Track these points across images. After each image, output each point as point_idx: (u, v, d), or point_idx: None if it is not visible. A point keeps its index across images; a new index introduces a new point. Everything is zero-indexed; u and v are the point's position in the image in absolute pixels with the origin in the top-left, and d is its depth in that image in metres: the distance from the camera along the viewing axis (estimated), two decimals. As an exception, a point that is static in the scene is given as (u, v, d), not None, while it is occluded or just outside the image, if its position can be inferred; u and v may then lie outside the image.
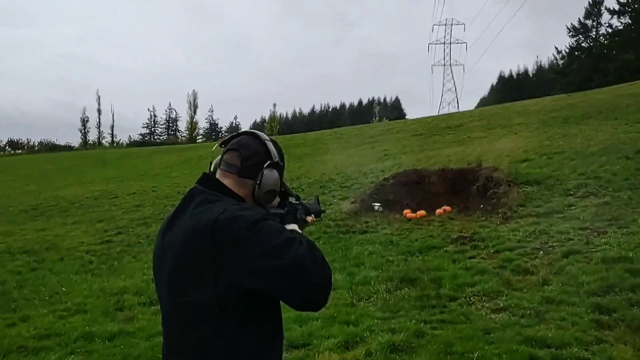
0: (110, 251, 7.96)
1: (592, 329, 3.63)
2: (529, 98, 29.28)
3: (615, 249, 5.12)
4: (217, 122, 76.03)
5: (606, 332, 3.57)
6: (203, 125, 67.57)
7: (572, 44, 44.08)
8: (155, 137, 67.57)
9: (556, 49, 46.38)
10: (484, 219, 7.47)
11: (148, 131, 70.59)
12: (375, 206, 9.20)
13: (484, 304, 4.48)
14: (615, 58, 36.86)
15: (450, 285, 4.97)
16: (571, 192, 7.65)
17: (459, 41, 69.94)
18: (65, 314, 5.24)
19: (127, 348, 3.99)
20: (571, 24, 44.13)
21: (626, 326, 3.59)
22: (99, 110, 60.58)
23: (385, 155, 14.25)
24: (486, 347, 3.44)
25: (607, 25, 40.03)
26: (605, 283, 4.37)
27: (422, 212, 8.50)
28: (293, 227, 1.45)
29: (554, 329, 3.68)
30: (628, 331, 3.52)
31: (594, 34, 43.02)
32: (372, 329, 4.01)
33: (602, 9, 41.91)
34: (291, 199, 1.60)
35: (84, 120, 60.29)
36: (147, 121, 71.73)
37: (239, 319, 1.26)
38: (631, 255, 4.84)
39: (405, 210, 8.71)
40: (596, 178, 7.97)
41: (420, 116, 32.22)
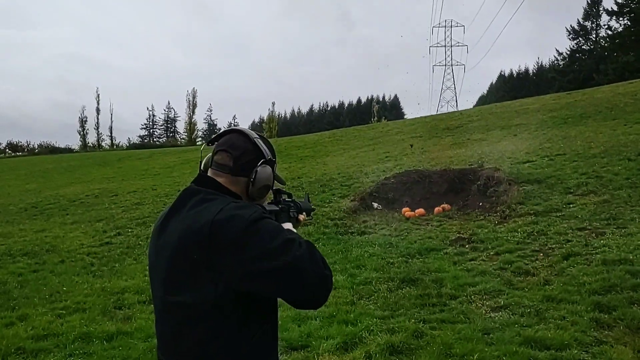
0: (111, 253, 7.95)
1: (592, 329, 3.63)
2: (528, 96, 29.27)
3: (614, 251, 5.12)
4: (216, 123, 75.94)
5: (606, 333, 3.57)
6: (202, 126, 67.38)
7: (573, 46, 44.21)
8: (154, 139, 67.43)
9: (557, 50, 46.57)
10: (482, 217, 7.46)
11: (147, 133, 70.48)
12: (375, 205, 9.21)
13: (485, 302, 4.48)
14: (616, 60, 36.89)
15: (452, 285, 4.97)
16: (571, 190, 7.66)
17: (460, 44, 69.95)
18: (63, 312, 5.24)
19: (125, 350, 3.99)
20: (570, 26, 44.33)
21: (626, 326, 3.60)
22: (98, 109, 59.99)
23: (387, 157, 14.25)
24: (486, 349, 3.44)
25: (607, 27, 40.12)
26: (606, 283, 4.37)
27: (421, 211, 8.51)
28: (288, 226, 1.44)
29: (554, 329, 3.68)
30: (628, 332, 3.52)
31: (594, 36, 43.11)
32: (371, 328, 4.01)
33: (600, 9, 42.03)
34: (284, 196, 1.61)
35: (83, 121, 59.69)
36: (146, 122, 71.61)
37: (239, 319, 1.25)
38: (631, 257, 4.84)
39: (404, 209, 8.72)
40: (597, 177, 7.98)
41: (419, 115, 32.20)
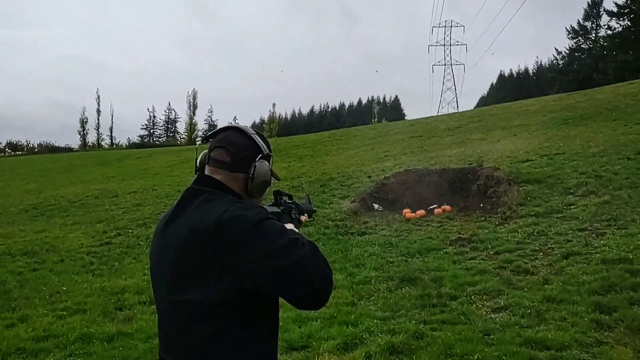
0: (111, 252, 7.95)
1: (592, 330, 3.63)
2: (529, 97, 29.28)
3: (614, 250, 5.12)
4: (217, 124, 75.94)
5: (606, 334, 3.57)
6: (202, 126, 67.29)
7: (572, 45, 44.24)
8: (154, 139, 67.34)
9: (556, 50, 46.55)
10: (482, 219, 7.46)
11: (147, 133, 70.42)
12: (375, 206, 9.20)
13: (485, 302, 4.48)
14: (615, 59, 36.92)
15: (451, 284, 4.97)
16: (571, 191, 7.65)
17: (459, 42, 69.92)
18: (64, 313, 5.24)
19: (126, 350, 3.98)
20: (570, 26, 44.44)
21: (626, 327, 3.59)
22: (99, 110, 59.78)
23: (386, 156, 14.25)
24: (486, 350, 3.43)
25: (607, 27, 40.14)
26: (606, 282, 4.38)
27: (422, 212, 8.50)
28: (290, 227, 1.45)
29: (554, 329, 3.68)
30: (628, 332, 3.52)
31: (594, 36, 43.13)
32: (372, 329, 4.00)
33: (601, 10, 42.06)
34: (284, 198, 1.61)
35: (83, 121, 59.59)
36: (146, 122, 71.50)
37: (242, 317, 1.26)
38: (631, 256, 4.84)
39: (404, 210, 8.71)
40: (597, 177, 7.97)
41: (419, 116, 32.19)
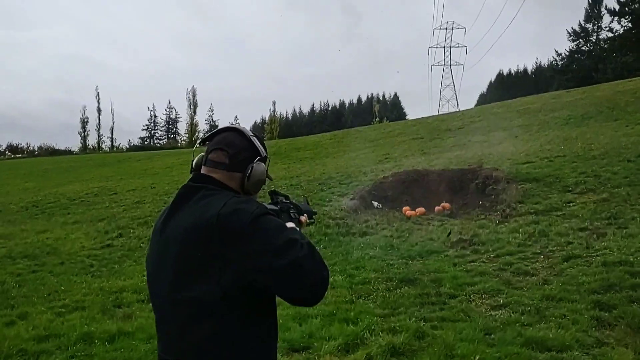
0: (112, 255, 7.96)
1: (593, 328, 3.64)
2: (528, 95, 29.25)
3: (615, 253, 5.12)
4: (217, 124, 75.89)
5: (607, 333, 3.58)
6: (203, 127, 67.16)
7: (572, 47, 44.10)
8: (155, 141, 67.21)
9: (556, 51, 46.29)
10: (483, 217, 7.46)
11: (148, 134, 70.21)
12: (375, 204, 9.20)
13: (484, 301, 4.49)
14: (615, 60, 36.88)
15: (451, 284, 4.98)
16: (569, 189, 7.66)
17: (459, 45, 69.78)
18: (63, 310, 5.24)
19: (127, 352, 3.97)
20: (572, 28, 44.25)
21: (626, 325, 3.60)
22: (99, 109, 59.31)
23: (386, 158, 14.26)
24: (487, 350, 3.43)
25: (608, 29, 40.01)
26: (605, 283, 4.39)
27: (421, 210, 8.49)
28: (291, 225, 1.45)
29: (555, 328, 3.68)
30: (629, 331, 3.52)
31: (594, 37, 43.00)
32: (372, 328, 4.00)
33: (602, 9, 41.91)
34: (281, 198, 1.62)
35: (84, 121, 59.12)
36: (147, 122, 71.27)
37: (242, 316, 1.26)
38: (632, 259, 4.85)
39: (404, 208, 8.70)
40: (595, 176, 7.99)
41: (420, 115, 32.20)
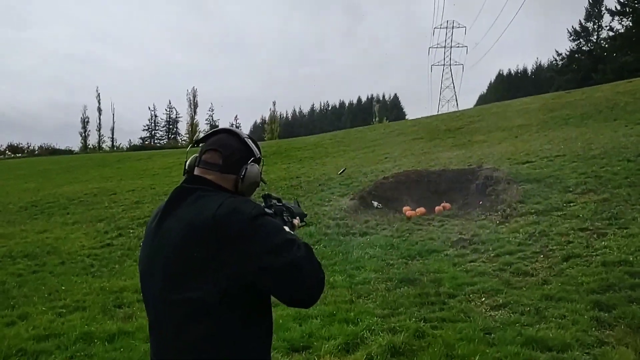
0: (112, 255, 7.96)
1: (593, 328, 3.63)
2: (527, 95, 29.29)
3: (615, 252, 5.12)
4: (218, 124, 75.81)
5: (607, 332, 3.58)
6: (203, 127, 67.11)
7: (573, 47, 44.11)
8: (155, 141, 67.13)
9: (556, 51, 46.35)
10: (483, 217, 7.46)
11: (148, 134, 70.19)
12: (375, 204, 9.19)
13: (483, 300, 4.49)
14: (615, 60, 36.88)
15: (450, 284, 4.98)
16: (570, 189, 7.66)
17: (460, 45, 69.83)
18: (63, 310, 5.24)
19: (127, 351, 3.97)
20: (572, 27, 44.25)
21: (626, 325, 3.60)
22: (99, 109, 59.26)
23: (386, 158, 14.25)
24: (487, 350, 3.43)
25: (608, 28, 40.00)
26: (604, 283, 4.39)
27: (422, 210, 8.48)
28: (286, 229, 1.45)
29: (555, 328, 3.68)
30: (629, 331, 3.52)
31: (595, 37, 42.99)
32: (372, 328, 4.00)
33: (603, 9, 41.92)
34: (274, 201, 1.62)
35: (85, 121, 59.07)
36: (148, 122, 71.18)
37: (243, 316, 1.26)
38: (631, 259, 4.84)
39: (404, 208, 8.70)
40: (596, 177, 7.99)
41: (420, 115, 32.20)
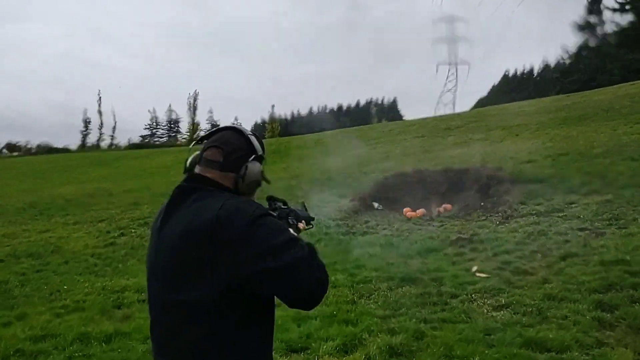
0: (115, 254, 7.98)
1: (593, 329, 3.61)
2: (527, 99, 29.25)
3: (612, 251, 5.12)
4: (218, 124, 75.29)
5: (607, 333, 3.56)
6: (204, 126, 67.05)
7: (579, 42, 43.94)
8: (156, 139, 67.02)
9: (564, 49, 46.28)
10: (483, 218, 7.46)
11: (149, 133, 70.06)
12: (375, 205, 9.20)
13: (486, 300, 4.47)
14: (621, 57, 36.80)
15: (451, 283, 4.97)
16: (574, 190, 7.65)
17: (462, 39, 69.77)
18: (62, 311, 5.25)
19: (125, 352, 3.98)
20: (576, 24, 44.14)
21: (627, 326, 3.59)
22: (100, 111, 59.23)
23: (387, 156, 14.25)
24: (486, 351, 3.41)
25: (613, 22, 39.82)
26: (605, 282, 4.38)
27: (422, 211, 8.49)
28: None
29: (555, 329, 3.66)
30: (629, 332, 3.51)
31: (600, 33, 42.86)
32: (371, 329, 3.99)
33: (601, 7, 41.89)
34: (279, 204, 1.60)
35: (87, 122, 58.97)
36: (149, 123, 71.03)
37: (238, 318, 1.25)
38: (628, 258, 4.84)
39: (405, 209, 8.70)
40: (601, 177, 7.97)
41: (418, 117, 32.12)
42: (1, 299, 5.83)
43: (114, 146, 56.08)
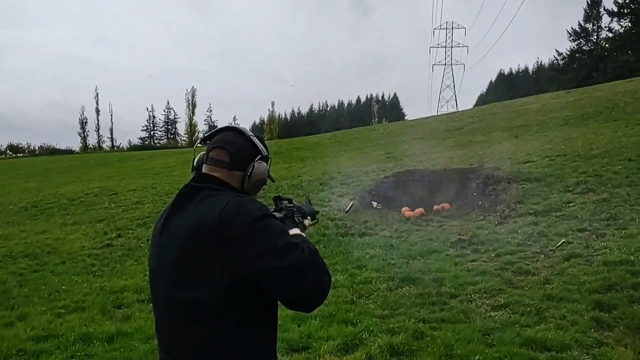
0: (112, 255, 7.97)
1: (592, 330, 3.63)
2: (527, 95, 29.32)
3: (615, 252, 5.13)
4: (216, 124, 75.65)
5: (606, 333, 3.57)
6: (202, 127, 67.05)
7: (573, 47, 44.30)
8: (155, 141, 67.06)
9: (557, 51, 46.63)
10: (482, 217, 7.46)
11: (147, 134, 70.10)
12: (374, 204, 9.20)
13: (485, 300, 4.48)
14: (615, 59, 36.94)
15: (452, 283, 4.98)
16: (570, 189, 7.67)
17: (460, 44, 70.08)
18: (63, 311, 5.25)
19: (127, 352, 3.99)
20: (572, 28, 44.68)
21: (626, 326, 3.60)
22: (97, 110, 59.25)
23: (387, 157, 14.25)
24: (486, 350, 3.43)
25: (607, 28, 40.13)
26: (606, 282, 4.39)
27: (420, 210, 8.47)
28: (295, 231, 1.45)
29: (554, 329, 3.68)
30: (628, 332, 3.52)
31: (594, 37, 43.20)
32: (371, 329, 4.00)
33: (601, 10, 42.10)
34: (284, 202, 1.62)
35: (83, 122, 59.07)
36: (146, 123, 71.09)
37: (241, 317, 1.26)
38: (632, 258, 4.85)
39: (403, 209, 8.69)
40: (596, 176, 7.99)
41: (420, 116, 32.22)
42: (0, 299, 5.83)
43: (116, 148, 56.07)
